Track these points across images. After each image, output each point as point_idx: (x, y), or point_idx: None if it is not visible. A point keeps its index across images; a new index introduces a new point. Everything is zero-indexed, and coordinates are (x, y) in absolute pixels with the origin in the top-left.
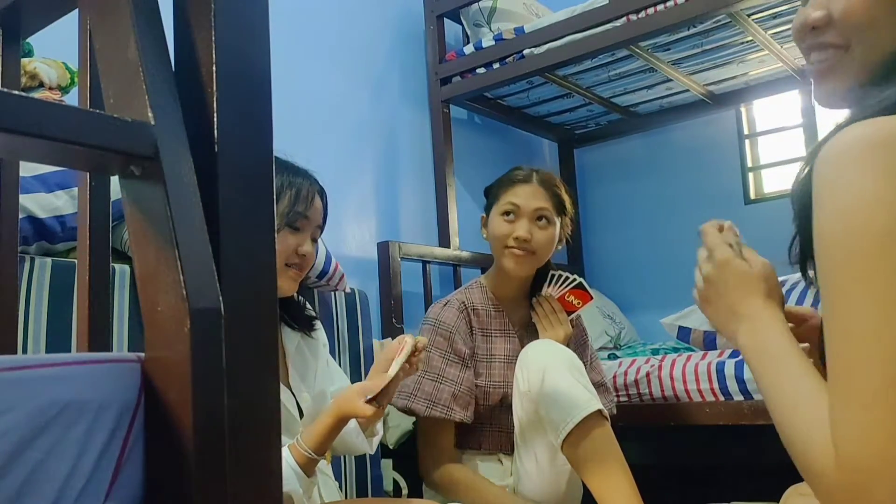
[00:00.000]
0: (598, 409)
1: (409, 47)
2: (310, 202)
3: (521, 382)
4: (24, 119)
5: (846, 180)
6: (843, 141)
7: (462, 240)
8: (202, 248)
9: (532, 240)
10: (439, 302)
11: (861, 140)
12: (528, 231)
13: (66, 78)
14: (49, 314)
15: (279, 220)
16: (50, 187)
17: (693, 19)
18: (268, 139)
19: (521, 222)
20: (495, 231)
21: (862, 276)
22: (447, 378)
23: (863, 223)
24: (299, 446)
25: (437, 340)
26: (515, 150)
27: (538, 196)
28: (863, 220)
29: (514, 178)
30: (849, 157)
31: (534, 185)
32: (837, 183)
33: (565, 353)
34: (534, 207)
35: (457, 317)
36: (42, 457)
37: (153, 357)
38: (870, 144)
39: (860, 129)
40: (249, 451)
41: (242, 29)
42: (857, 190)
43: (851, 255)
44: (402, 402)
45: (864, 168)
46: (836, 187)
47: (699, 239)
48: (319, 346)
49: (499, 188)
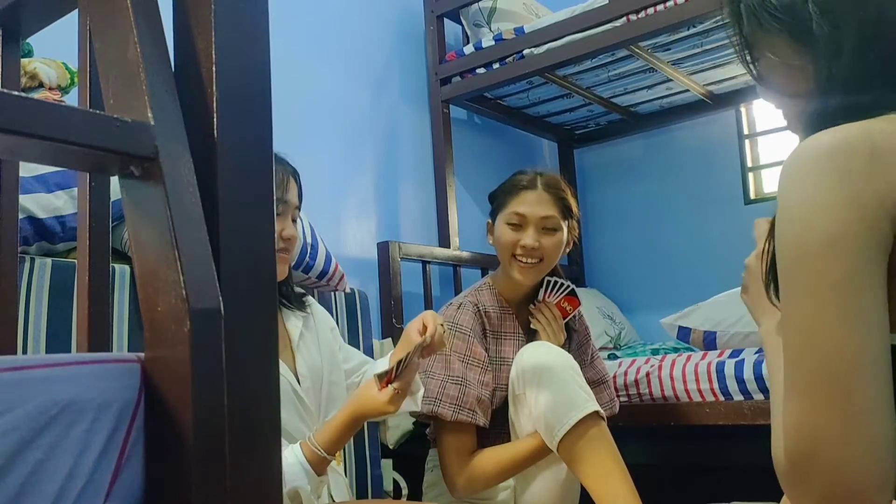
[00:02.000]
0: (595, 409)
1: (409, 47)
2: (286, 186)
3: (517, 385)
4: (24, 119)
5: (795, 189)
6: (794, 153)
7: (462, 240)
8: (202, 248)
9: (539, 248)
10: (452, 304)
11: (807, 151)
12: (534, 240)
13: (66, 78)
14: (49, 314)
15: None
16: (50, 187)
17: (693, 19)
18: (268, 139)
19: (528, 231)
20: (501, 240)
21: (806, 278)
22: (470, 382)
23: (808, 229)
24: (311, 444)
25: (456, 344)
26: (515, 151)
27: (544, 203)
28: (808, 226)
29: (518, 184)
30: (798, 167)
31: (539, 191)
32: (789, 192)
33: (562, 355)
34: (540, 216)
35: (473, 319)
36: (42, 456)
37: (153, 357)
38: (815, 154)
39: (809, 141)
40: (249, 451)
41: (242, 29)
42: (802, 198)
43: (798, 259)
44: (428, 407)
45: (810, 176)
46: (788, 196)
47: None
48: (326, 332)
49: (504, 195)
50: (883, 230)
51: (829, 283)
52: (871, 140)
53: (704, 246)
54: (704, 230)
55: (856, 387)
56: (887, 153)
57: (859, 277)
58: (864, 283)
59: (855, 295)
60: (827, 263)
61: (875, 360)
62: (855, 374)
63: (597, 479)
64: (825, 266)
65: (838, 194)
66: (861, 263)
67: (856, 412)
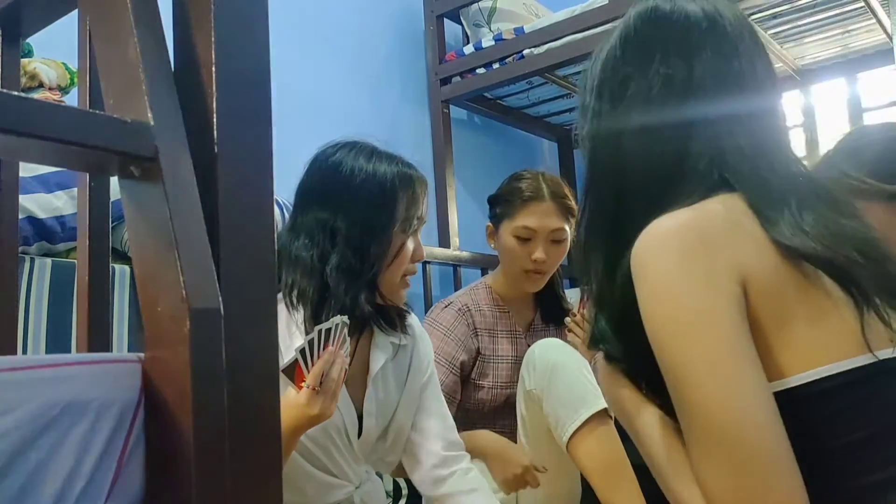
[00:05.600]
0: (604, 407)
1: (409, 47)
2: (423, 198)
3: (527, 381)
4: (24, 119)
5: (656, 266)
6: (643, 237)
7: (462, 240)
8: (202, 248)
9: (548, 260)
10: (442, 301)
11: (655, 233)
12: (544, 252)
13: (66, 78)
14: (49, 314)
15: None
16: (50, 187)
17: None
18: (268, 139)
19: (538, 244)
20: (511, 253)
21: (683, 353)
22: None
23: (677, 305)
24: None
25: (433, 340)
26: (515, 150)
27: (552, 216)
28: (676, 301)
29: (523, 194)
30: (651, 245)
31: (547, 202)
32: (649, 269)
33: (573, 353)
34: (550, 230)
35: (455, 319)
36: (43, 457)
37: (153, 357)
38: (663, 235)
39: (653, 225)
40: (249, 451)
41: (242, 29)
42: (665, 272)
43: (672, 337)
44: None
45: (665, 254)
46: (648, 273)
47: None
48: (419, 370)
49: (509, 205)
50: (736, 294)
51: (706, 352)
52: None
53: None
54: None
55: (758, 445)
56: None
57: (732, 341)
58: (739, 346)
59: (733, 357)
60: (701, 334)
61: (767, 416)
62: (753, 436)
63: (603, 476)
64: (703, 336)
65: (693, 267)
66: (730, 328)
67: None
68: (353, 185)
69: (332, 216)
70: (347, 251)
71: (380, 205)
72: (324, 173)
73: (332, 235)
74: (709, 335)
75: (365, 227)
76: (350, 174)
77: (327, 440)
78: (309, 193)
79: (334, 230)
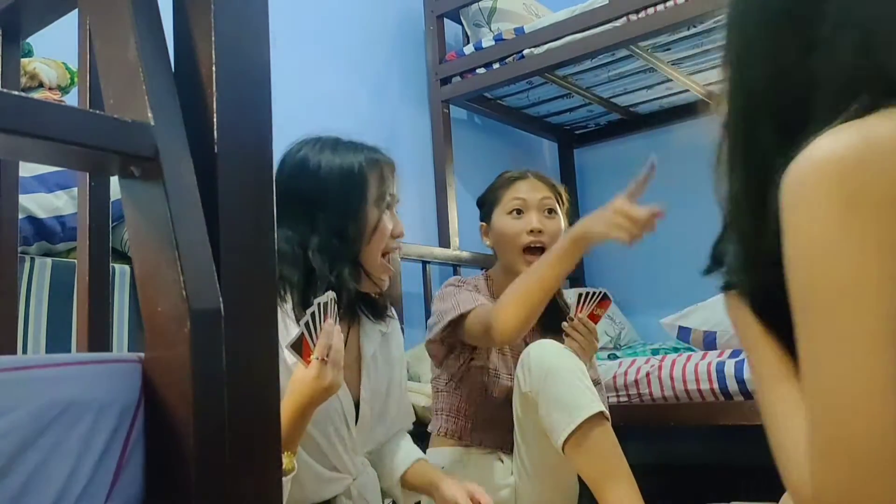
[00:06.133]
0: (601, 410)
1: (409, 47)
2: (395, 180)
3: (523, 383)
4: (24, 119)
5: (804, 220)
6: (801, 166)
7: (462, 240)
8: (202, 248)
9: (544, 231)
10: (454, 278)
11: (818, 166)
12: (539, 222)
13: (66, 78)
14: (49, 314)
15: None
16: (50, 187)
17: (693, 19)
18: (268, 139)
19: (531, 214)
20: (506, 231)
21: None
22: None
23: (817, 274)
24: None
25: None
26: (515, 150)
27: (539, 188)
28: (817, 270)
29: (509, 177)
30: (805, 190)
31: (531, 179)
32: (797, 220)
33: (569, 355)
34: (540, 197)
35: (476, 282)
36: (44, 457)
37: (153, 357)
38: (822, 169)
39: (818, 152)
40: (249, 452)
41: (242, 29)
42: (810, 236)
43: (808, 307)
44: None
45: (818, 201)
46: (796, 227)
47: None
48: (400, 359)
49: (496, 191)
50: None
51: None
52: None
53: (705, 246)
54: (705, 230)
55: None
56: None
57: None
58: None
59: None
60: (853, 307)
61: None
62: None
63: (601, 479)
64: (853, 310)
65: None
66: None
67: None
68: (321, 177)
69: (308, 209)
70: (327, 234)
71: (350, 189)
72: (292, 171)
73: (310, 224)
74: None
75: (340, 211)
76: (317, 168)
77: (329, 426)
78: (282, 193)
79: (312, 220)
